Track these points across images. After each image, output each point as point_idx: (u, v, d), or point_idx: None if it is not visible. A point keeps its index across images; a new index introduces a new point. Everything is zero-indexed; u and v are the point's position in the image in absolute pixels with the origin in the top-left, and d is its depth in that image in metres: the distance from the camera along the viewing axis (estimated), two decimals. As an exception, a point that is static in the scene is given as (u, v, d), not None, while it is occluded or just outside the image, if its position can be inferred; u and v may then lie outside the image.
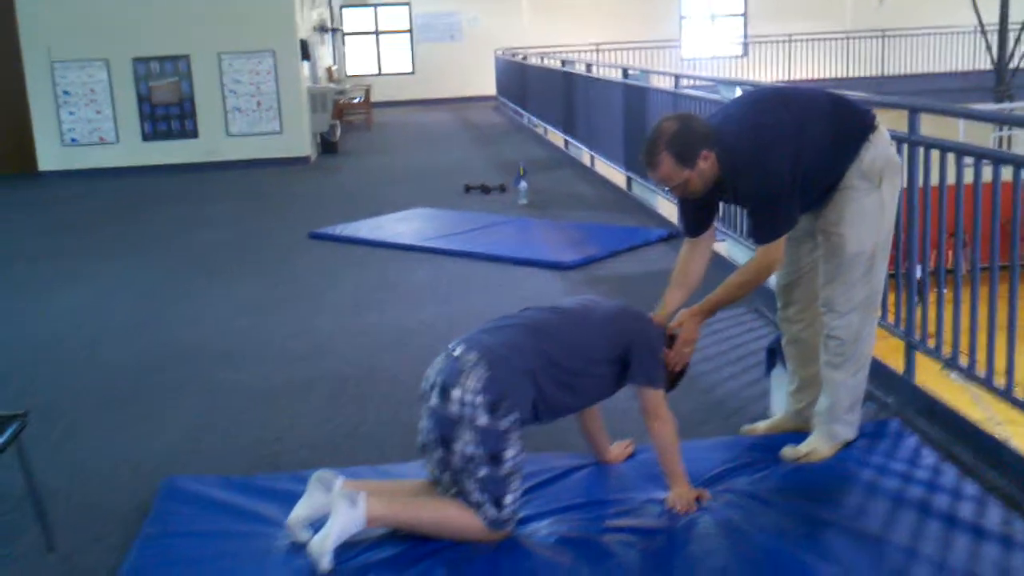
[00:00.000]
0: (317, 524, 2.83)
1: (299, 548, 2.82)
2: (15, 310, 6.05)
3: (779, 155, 3.05)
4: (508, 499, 2.82)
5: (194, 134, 12.25)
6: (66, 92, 11.97)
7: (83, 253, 7.67)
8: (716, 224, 3.43)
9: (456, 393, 2.78)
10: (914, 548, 2.72)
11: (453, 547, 2.81)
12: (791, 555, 2.71)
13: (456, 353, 2.87)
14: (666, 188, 3.18)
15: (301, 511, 2.88)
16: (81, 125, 12.07)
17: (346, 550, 2.78)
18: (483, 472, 2.78)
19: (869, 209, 3.16)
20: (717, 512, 2.96)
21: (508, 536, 2.86)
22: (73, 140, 12.09)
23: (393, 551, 2.81)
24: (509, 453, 2.80)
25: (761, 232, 3.16)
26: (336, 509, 2.76)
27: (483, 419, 2.76)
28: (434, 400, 2.83)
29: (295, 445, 3.77)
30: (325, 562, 2.70)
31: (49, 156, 12.09)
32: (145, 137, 12.20)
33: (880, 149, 3.17)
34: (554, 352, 2.90)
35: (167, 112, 12.18)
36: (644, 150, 3.12)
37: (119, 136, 12.14)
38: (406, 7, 23.55)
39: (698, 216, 3.33)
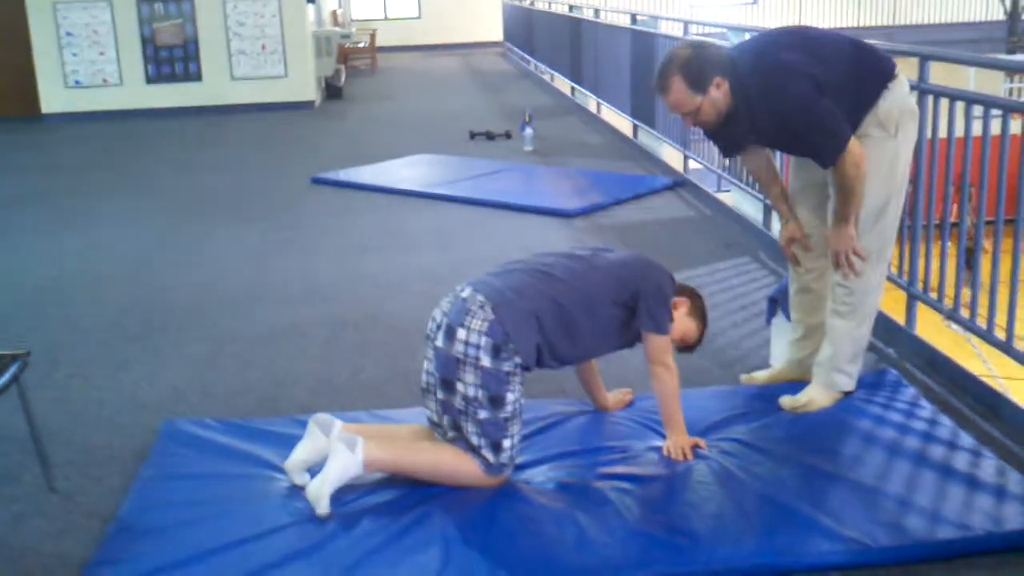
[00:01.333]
0: (315, 468, 2.85)
1: (297, 491, 2.84)
2: (18, 251, 6.05)
3: (797, 85, 2.99)
4: (506, 443, 2.83)
5: (198, 77, 12.16)
6: (69, 33, 11.86)
7: (86, 196, 7.66)
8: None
9: (461, 334, 2.78)
10: (909, 499, 2.73)
11: (450, 492, 2.83)
12: (787, 504, 2.72)
13: (464, 294, 2.87)
14: (677, 115, 3.14)
15: (299, 454, 2.90)
16: (84, 67, 11.98)
17: (343, 494, 2.79)
18: (483, 415, 2.79)
19: (884, 159, 3.12)
20: (714, 460, 2.97)
21: (505, 481, 2.87)
22: (76, 82, 12.01)
23: (390, 495, 2.83)
24: (510, 397, 2.81)
25: (826, 150, 3.03)
26: (334, 453, 2.78)
27: (486, 361, 2.76)
28: (439, 340, 2.84)
29: (295, 389, 3.79)
30: (322, 506, 2.72)
31: (52, 98, 12.02)
32: (149, 79, 12.11)
33: (898, 98, 3.13)
34: (560, 294, 2.88)
35: (171, 54, 12.08)
36: (656, 74, 3.09)
37: (123, 78, 12.05)
38: (413, -50, 23.25)
39: (730, 143, 3.39)
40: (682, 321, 3.11)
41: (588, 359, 3.18)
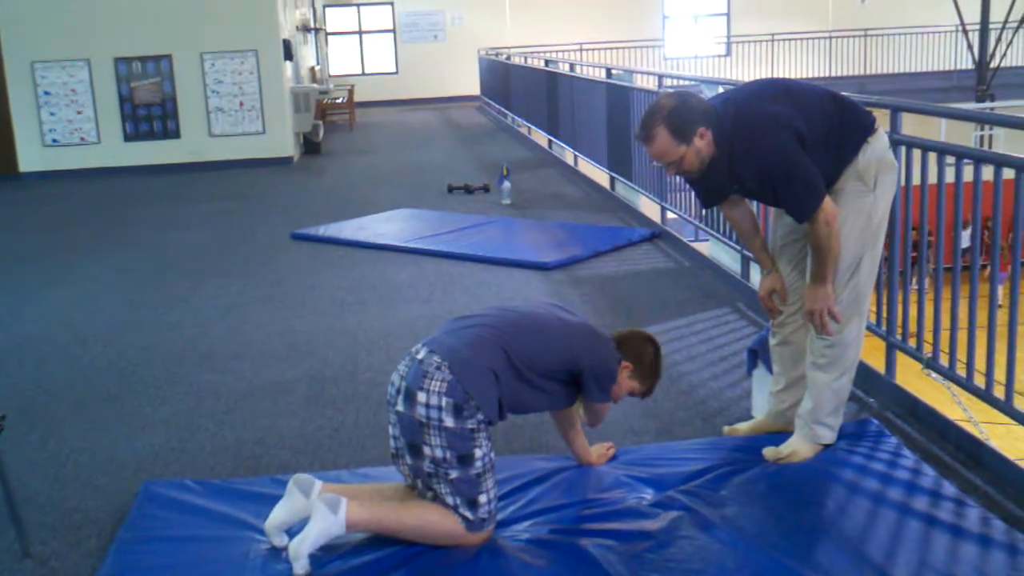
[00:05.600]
0: (295, 529, 2.81)
1: (277, 553, 2.81)
2: (-6, 312, 6.00)
3: (779, 136, 3.02)
4: (482, 499, 2.81)
5: (176, 134, 12.19)
6: (47, 92, 11.89)
7: (64, 254, 7.62)
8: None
9: (421, 397, 2.76)
10: (894, 550, 2.72)
11: (433, 551, 2.80)
12: (772, 558, 2.70)
13: (420, 356, 2.85)
14: (660, 164, 3.16)
15: (279, 515, 2.86)
16: (62, 126, 11.99)
17: (326, 554, 2.76)
18: (454, 474, 2.77)
19: (861, 212, 3.14)
20: (697, 514, 2.95)
21: (489, 538, 2.84)
22: (54, 141, 12.01)
23: (372, 556, 2.80)
24: (478, 453, 2.79)
25: (802, 206, 3.07)
26: (316, 514, 2.75)
27: (449, 421, 2.75)
28: (400, 405, 2.82)
29: (276, 447, 3.75)
30: (300, 565, 2.68)
31: (30, 157, 12.01)
32: (127, 137, 12.13)
33: (877, 152, 3.15)
34: (513, 355, 2.88)
35: (149, 112, 12.12)
36: (641, 124, 3.11)
37: (100, 136, 12.07)
38: (389, 7, 23.50)
39: (710, 193, 3.35)
40: (624, 384, 3.12)
41: (546, 410, 3.16)
